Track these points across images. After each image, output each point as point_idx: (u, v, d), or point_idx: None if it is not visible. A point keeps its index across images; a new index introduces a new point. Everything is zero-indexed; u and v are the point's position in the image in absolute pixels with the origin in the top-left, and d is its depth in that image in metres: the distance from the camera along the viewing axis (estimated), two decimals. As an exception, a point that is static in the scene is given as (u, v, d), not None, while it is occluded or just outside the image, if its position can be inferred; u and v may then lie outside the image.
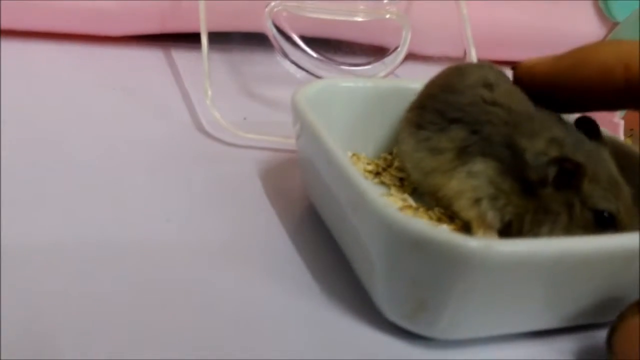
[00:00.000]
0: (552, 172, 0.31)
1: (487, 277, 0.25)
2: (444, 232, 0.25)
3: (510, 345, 0.29)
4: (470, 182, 0.33)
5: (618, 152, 0.36)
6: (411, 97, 0.39)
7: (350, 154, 0.40)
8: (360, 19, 0.51)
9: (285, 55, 0.47)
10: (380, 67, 0.52)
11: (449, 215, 0.35)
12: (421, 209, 0.36)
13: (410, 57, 0.55)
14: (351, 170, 0.29)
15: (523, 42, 0.68)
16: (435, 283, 0.26)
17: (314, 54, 0.49)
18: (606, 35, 0.68)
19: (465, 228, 0.34)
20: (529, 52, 0.73)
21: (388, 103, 0.40)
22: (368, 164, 0.40)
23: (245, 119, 0.46)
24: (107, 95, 0.48)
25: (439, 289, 0.26)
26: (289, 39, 0.51)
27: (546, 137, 0.32)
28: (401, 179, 0.39)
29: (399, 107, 0.40)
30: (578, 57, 0.32)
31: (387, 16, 0.52)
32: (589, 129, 0.35)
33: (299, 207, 0.38)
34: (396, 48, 0.52)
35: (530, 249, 0.25)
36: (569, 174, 0.31)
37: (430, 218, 0.35)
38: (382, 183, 0.39)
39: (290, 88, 0.38)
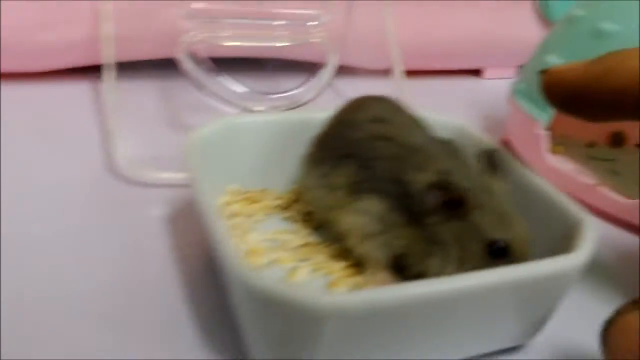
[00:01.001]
0: (433, 198, 0.32)
1: (346, 329, 0.26)
2: (294, 291, 0.26)
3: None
4: (358, 219, 0.34)
5: (524, 182, 0.37)
6: (315, 128, 0.40)
7: (257, 189, 0.41)
8: (282, 44, 0.51)
9: (205, 89, 0.48)
10: (309, 90, 0.52)
11: (347, 251, 0.36)
12: (321, 245, 0.37)
13: (345, 70, 0.56)
14: (216, 226, 0.29)
15: (460, 50, 0.69)
16: (301, 340, 0.27)
17: (235, 87, 0.49)
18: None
19: (360, 264, 0.35)
20: (469, 61, 0.75)
21: (293, 135, 0.41)
22: (276, 198, 0.41)
23: (154, 158, 0.46)
24: (25, 133, 0.49)
25: (306, 346, 0.27)
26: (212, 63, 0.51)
27: (434, 169, 0.33)
28: (307, 214, 0.40)
29: (305, 138, 0.40)
30: (609, 63, 0.31)
31: (312, 40, 0.52)
32: (491, 161, 0.36)
33: (203, 256, 0.38)
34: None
35: (372, 299, 0.26)
36: (454, 202, 0.32)
37: (329, 255, 0.37)
38: (289, 218, 0.40)
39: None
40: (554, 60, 0.50)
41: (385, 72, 0.60)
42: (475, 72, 0.78)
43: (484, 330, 0.30)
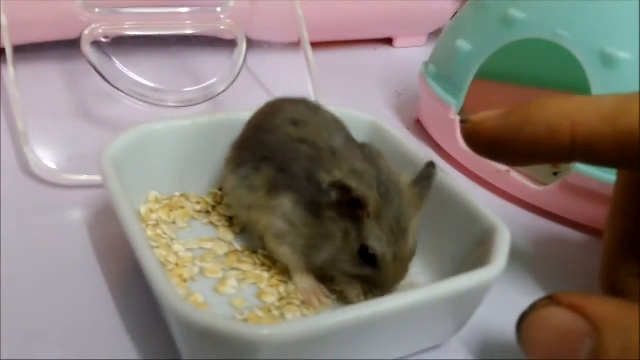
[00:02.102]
0: (332, 195, 0.34)
1: (279, 357, 0.28)
2: (230, 324, 0.27)
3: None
4: (272, 218, 0.36)
5: (443, 186, 0.38)
6: (231, 128, 0.41)
7: (178, 194, 0.42)
8: (189, 32, 0.51)
9: (111, 84, 0.47)
10: (223, 80, 0.52)
11: (272, 258, 0.38)
12: (246, 252, 0.39)
13: (255, 44, 0.57)
14: (147, 256, 0.30)
15: (370, 19, 0.70)
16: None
17: (147, 82, 0.48)
18: (456, 12, 0.70)
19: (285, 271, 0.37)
20: (379, 30, 0.76)
21: (210, 138, 0.42)
22: (197, 202, 0.42)
23: (70, 160, 0.45)
24: None
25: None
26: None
27: (346, 169, 0.35)
28: (230, 218, 0.41)
29: (221, 141, 0.41)
30: (525, 114, 0.32)
31: (222, 28, 0.52)
32: (426, 175, 0.36)
33: (127, 260, 0.38)
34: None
35: (301, 329, 0.28)
36: (349, 203, 0.33)
37: (255, 263, 0.38)
38: (212, 223, 0.41)
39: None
40: (464, 45, 0.53)
41: (296, 45, 0.61)
42: (387, 41, 0.79)
43: (406, 339, 0.33)
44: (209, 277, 0.36)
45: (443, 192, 0.38)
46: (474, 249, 0.36)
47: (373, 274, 0.34)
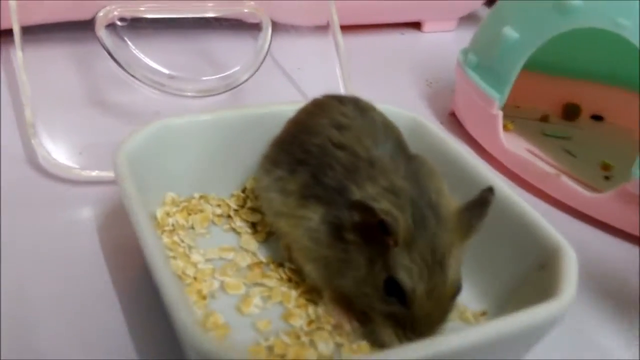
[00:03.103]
0: (354, 216, 0.29)
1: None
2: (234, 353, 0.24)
3: None
4: (298, 231, 0.33)
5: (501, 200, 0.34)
6: (258, 124, 0.38)
7: (197, 196, 0.38)
8: (211, 15, 0.47)
9: (126, 71, 0.43)
10: (246, 68, 0.49)
11: (300, 273, 0.34)
12: (272, 265, 0.35)
13: (279, 28, 0.53)
14: (165, 274, 0.27)
15: (395, 4, 0.66)
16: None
17: (161, 69, 0.45)
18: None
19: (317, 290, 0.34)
20: (407, 14, 0.72)
21: (234, 134, 0.38)
22: (218, 205, 0.39)
23: (81, 153, 0.42)
24: None
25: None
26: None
27: (383, 185, 0.31)
28: (254, 224, 0.38)
29: (246, 138, 0.38)
30: None
31: (246, 11, 0.48)
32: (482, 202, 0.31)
33: (137, 264, 0.35)
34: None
35: None
36: (376, 227, 0.29)
37: (281, 278, 0.34)
38: (233, 229, 0.37)
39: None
40: (511, 34, 0.49)
41: (322, 29, 0.57)
42: (415, 25, 0.75)
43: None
44: (231, 294, 0.33)
45: (496, 205, 0.34)
46: (533, 273, 0.33)
47: (404, 313, 0.29)
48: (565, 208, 0.47)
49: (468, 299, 0.35)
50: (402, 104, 0.58)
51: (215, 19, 0.49)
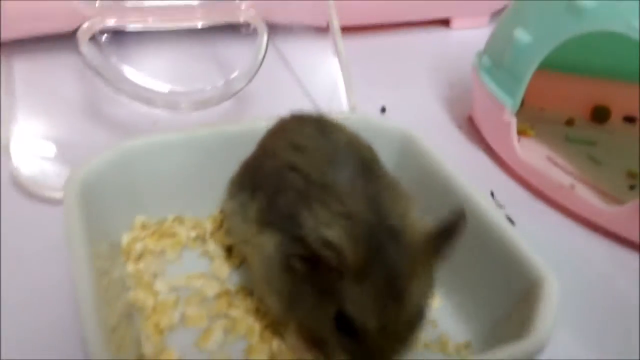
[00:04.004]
0: (300, 249, 0.28)
1: None
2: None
3: None
4: (257, 258, 0.31)
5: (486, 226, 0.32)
6: (238, 142, 0.36)
7: (171, 218, 0.37)
8: (201, 24, 0.46)
9: (112, 86, 0.43)
10: (241, 77, 0.47)
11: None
12: (240, 294, 0.34)
13: (284, 29, 0.52)
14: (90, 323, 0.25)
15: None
16: None
17: (158, 87, 0.44)
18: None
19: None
20: (435, 10, 0.69)
21: (211, 153, 0.37)
22: (193, 227, 0.37)
23: (59, 175, 0.41)
24: None
25: None
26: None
27: (336, 210, 0.29)
28: (229, 248, 0.36)
29: (224, 156, 0.36)
30: None
31: (241, 19, 0.47)
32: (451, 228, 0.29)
33: None
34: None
35: None
36: (315, 262, 0.27)
37: (248, 309, 0.33)
38: (207, 253, 0.36)
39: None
40: (523, 36, 0.46)
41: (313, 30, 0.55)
42: (443, 23, 0.72)
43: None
44: (191, 328, 0.32)
45: (482, 232, 0.32)
46: (518, 304, 0.31)
47: (357, 348, 0.27)
48: (581, 220, 0.44)
49: (452, 329, 0.33)
50: (419, 107, 0.57)
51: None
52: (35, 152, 0.43)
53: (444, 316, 0.34)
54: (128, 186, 0.35)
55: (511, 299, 0.31)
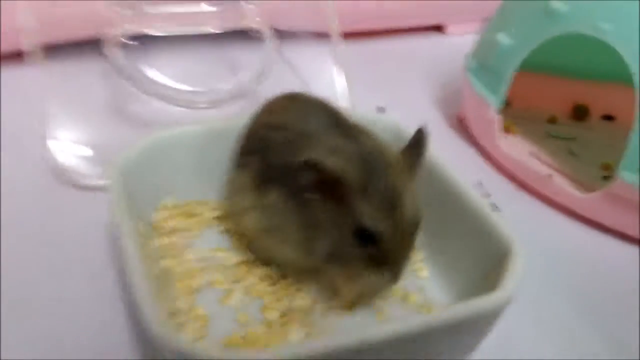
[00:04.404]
0: (307, 176, 0.33)
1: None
2: (204, 351, 0.28)
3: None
4: (262, 216, 0.37)
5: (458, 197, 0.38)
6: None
7: (195, 201, 0.43)
8: (213, 31, 0.52)
9: (136, 86, 0.48)
10: (252, 79, 0.53)
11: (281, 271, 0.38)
12: (257, 263, 0.39)
13: (292, 35, 0.57)
14: (137, 281, 0.31)
15: (419, 4, 0.70)
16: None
17: (177, 85, 0.50)
18: None
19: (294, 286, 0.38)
20: (430, 17, 0.75)
21: (228, 143, 0.42)
22: (215, 209, 0.43)
23: (95, 160, 0.47)
24: None
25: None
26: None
27: (323, 149, 0.34)
28: (245, 226, 0.42)
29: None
30: None
31: (249, 25, 0.53)
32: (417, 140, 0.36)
33: None
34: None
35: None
36: (329, 182, 0.32)
37: (263, 276, 0.39)
38: (227, 231, 0.42)
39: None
40: (504, 39, 0.51)
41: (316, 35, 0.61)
42: (438, 29, 0.78)
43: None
44: (216, 289, 0.37)
45: (462, 204, 0.38)
46: (492, 269, 0.35)
47: (378, 252, 0.33)
48: (558, 207, 0.49)
49: (435, 293, 0.39)
50: (412, 107, 0.62)
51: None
52: (70, 146, 0.48)
53: (427, 285, 0.39)
54: (158, 172, 0.41)
55: (484, 267, 0.36)
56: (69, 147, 0.48)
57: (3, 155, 0.48)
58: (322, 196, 0.33)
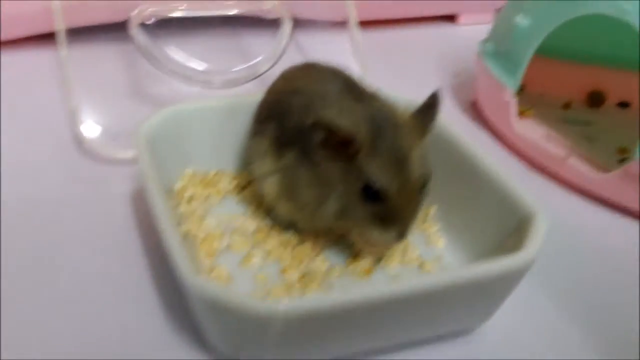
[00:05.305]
0: (317, 136, 0.35)
1: (286, 330, 0.29)
2: (237, 297, 0.29)
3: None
4: (279, 178, 0.39)
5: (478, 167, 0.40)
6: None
7: (214, 172, 0.44)
8: (234, 13, 0.54)
9: (163, 68, 0.50)
10: (265, 61, 0.54)
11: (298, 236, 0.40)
12: (274, 230, 0.41)
13: (305, 23, 0.59)
14: (167, 229, 0.32)
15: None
16: (243, 333, 0.30)
17: (194, 64, 0.51)
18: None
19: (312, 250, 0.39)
20: (442, 6, 0.76)
21: (244, 117, 0.44)
22: (232, 180, 0.44)
23: (118, 135, 0.49)
24: None
25: (249, 339, 0.31)
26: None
27: (336, 107, 0.36)
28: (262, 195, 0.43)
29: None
30: None
31: (266, 8, 0.54)
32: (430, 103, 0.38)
33: None
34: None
35: (312, 305, 0.29)
36: (339, 141, 0.34)
37: (281, 241, 0.40)
38: (244, 201, 0.43)
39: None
40: (523, 21, 0.53)
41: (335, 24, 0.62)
42: (451, 19, 0.79)
43: (428, 322, 0.34)
44: (235, 252, 0.39)
45: (479, 174, 0.39)
46: (509, 236, 0.37)
47: (385, 210, 0.35)
48: (575, 189, 0.50)
49: (450, 256, 0.40)
50: (426, 94, 0.63)
51: (242, 16, 0.54)
52: (94, 122, 0.50)
53: (444, 254, 0.40)
54: (179, 142, 0.42)
55: (503, 233, 0.37)
56: (93, 123, 0.49)
57: (31, 131, 0.50)
58: (332, 155, 0.35)
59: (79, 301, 0.36)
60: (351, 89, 0.38)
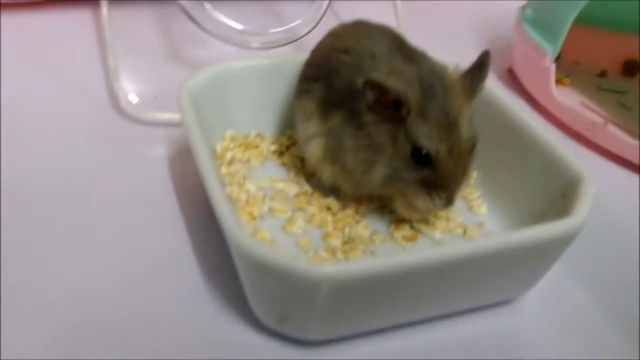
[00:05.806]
0: (368, 96, 0.34)
1: (333, 295, 0.29)
2: (285, 260, 0.29)
3: (384, 337, 0.34)
4: (324, 141, 0.38)
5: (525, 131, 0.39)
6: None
7: (254, 134, 0.44)
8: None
9: (202, 26, 0.50)
10: (307, 22, 0.54)
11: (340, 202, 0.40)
12: (316, 195, 0.41)
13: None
14: (216, 193, 0.33)
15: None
16: (290, 300, 0.31)
17: (232, 24, 0.51)
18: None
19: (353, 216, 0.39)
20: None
21: (288, 78, 0.44)
22: (272, 143, 0.44)
23: (156, 97, 0.49)
24: (24, 67, 0.52)
25: (294, 306, 0.31)
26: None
27: (384, 70, 0.36)
28: (302, 160, 0.43)
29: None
30: None
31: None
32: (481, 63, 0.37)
33: (203, 196, 0.41)
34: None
35: (358, 269, 0.29)
36: (389, 102, 0.34)
37: (322, 206, 0.40)
38: (284, 164, 0.43)
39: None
40: (564, -14, 0.52)
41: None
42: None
43: (474, 289, 0.34)
44: (278, 217, 0.39)
45: (525, 138, 0.39)
46: (556, 202, 0.36)
47: (433, 175, 0.34)
48: (612, 157, 0.50)
49: (494, 222, 0.40)
50: (461, 60, 0.63)
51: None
52: (132, 81, 0.50)
53: (486, 220, 0.40)
54: (221, 103, 0.42)
55: (549, 199, 0.37)
56: (130, 84, 0.50)
57: (69, 91, 0.50)
58: (381, 117, 0.35)
59: (118, 266, 0.37)
60: (400, 49, 0.38)
